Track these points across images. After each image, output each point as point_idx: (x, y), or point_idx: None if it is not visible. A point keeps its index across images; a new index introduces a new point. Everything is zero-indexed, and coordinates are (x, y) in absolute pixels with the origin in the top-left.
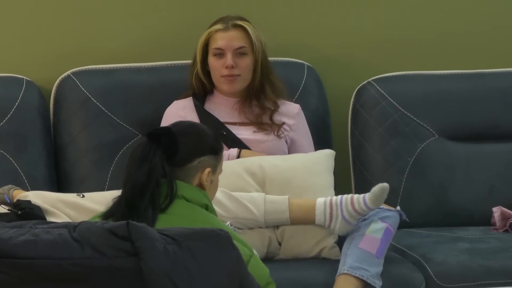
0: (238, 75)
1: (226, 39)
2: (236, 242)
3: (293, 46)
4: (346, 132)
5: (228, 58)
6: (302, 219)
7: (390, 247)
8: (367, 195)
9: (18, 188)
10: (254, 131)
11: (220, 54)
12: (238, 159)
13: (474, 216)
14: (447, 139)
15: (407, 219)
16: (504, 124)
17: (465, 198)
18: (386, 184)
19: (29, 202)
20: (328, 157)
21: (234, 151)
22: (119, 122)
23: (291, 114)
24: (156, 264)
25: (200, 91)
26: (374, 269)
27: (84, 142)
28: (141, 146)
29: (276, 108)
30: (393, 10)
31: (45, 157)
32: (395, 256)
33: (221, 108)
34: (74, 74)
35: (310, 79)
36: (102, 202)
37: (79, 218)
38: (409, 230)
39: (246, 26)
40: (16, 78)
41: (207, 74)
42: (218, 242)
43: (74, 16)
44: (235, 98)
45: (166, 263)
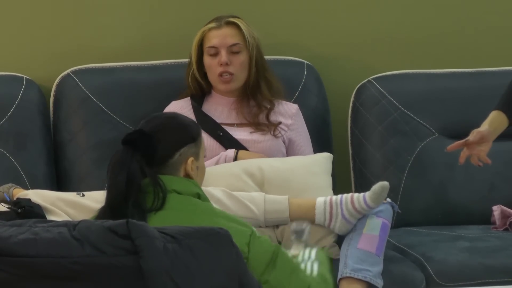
0: (232, 74)
1: (219, 37)
2: (234, 224)
3: (293, 44)
4: (346, 131)
5: (223, 55)
6: (302, 218)
7: (390, 246)
8: (367, 194)
9: (18, 186)
10: (251, 132)
11: (215, 52)
12: (236, 161)
13: (474, 214)
14: (447, 137)
15: (399, 210)
16: None
17: (465, 196)
18: (386, 183)
19: (29, 200)
20: (326, 159)
21: (231, 152)
22: (119, 120)
23: (288, 114)
24: (156, 262)
25: (198, 92)
26: (375, 268)
27: (83, 140)
28: (118, 153)
29: (272, 106)
30: (393, 9)
31: (45, 155)
32: (396, 255)
33: (218, 109)
34: (74, 72)
35: (310, 77)
36: (102, 201)
37: (79, 216)
38: (409, 228)
39: (239, 23)
40: (16, 76)
41: (204, 75)
42: (218, 240)
43: (74, 14)
44: (232, 97)
45: (166, 261)
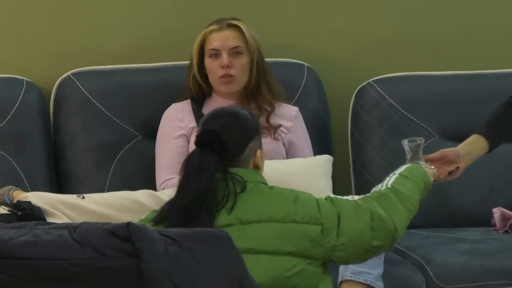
0: (233, 76)
1: (221, 39)
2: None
3: (293, 47)
4: (346, 133)
5: (224, 58)
6: None
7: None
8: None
9: (18, 189)
10: None
11: (216, 54)
12: None
13: (474, 217)
14: (447, 139)
15: None
16: None
17: (465, 199)
18: None
19: (29, 203)
20: (326, 161)
21: None
22: (119, 122)
23: (289, 116)
24: (156, 265)
25: (198, 94)
26: (376, 271)
27: (84, 142)
28: (195, 155)
29: (272, 109)
30: (393, 11)
31: (45, 157)
32: (396, 257)
33: None
34: (74, 75)
35: (310, 80)
36: (102, 204)
37: (79, 219)
38: (409, 231)
39: (240, 25)
40: (16, 79)
41: (205, 77)
42: (218, 242)
43: (74, 16)
44: (233, 100)
45: (166, 263)
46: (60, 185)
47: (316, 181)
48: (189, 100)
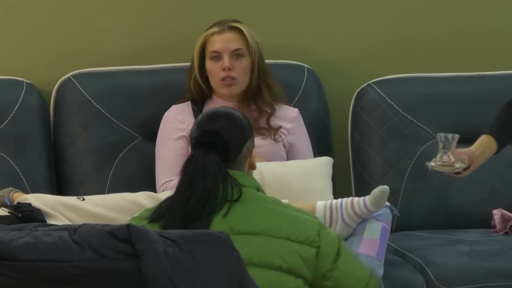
0: (235, 79)
1: (222, 42)
2: (302, 214)
3: (293, 48)
4: (346, 135)
5: (225, 60)
6: None
7: (390, 250)
8: (368, 198)
9: (18, 190)
10: None
11: (217, 57)
12: None
13: (474, 218)
14: None
15: (398, 214)
16: None
17: (465, 200)
18: (386, 187)
19: (29, 204)
20: (326, 163)
21: None
22: (119, 124)
23: (289, 118)
24: (156, 266)
25: (199, 96)
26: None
27: (84, 144)
28: (199, 156)
29: (273, 111)
30: (393, 13)
31: (45, 159)
32: (396, 259)
33: None
34: (74, 76)
35: (310, 81)
36: (102, 205)
37: (79, 221)
38: (409, 232)
39: (242, 28)
40: (16, 80)
41: (205, 79)
42: (218, 244)
43: (74, 18)
44: (233, 102)
45: (167, 265)
46: (60, 186)
47: (316, 182)
48: (189, 102)
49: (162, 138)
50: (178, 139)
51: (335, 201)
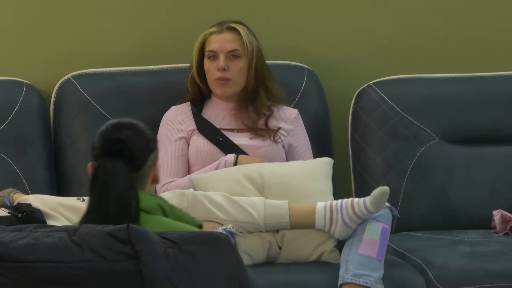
0: (229, 79)
1: (219, 42)
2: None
3: (293, 49)
4: (346, 135)
5: (221, 60)
6: (302, 223)
7: (390, 251)
8: (368, 199)
9: (18, 191)
10: (251, 137)
11: (214, 56)
12: (236, 166)
13: (474, 219)
14: (447, 142)
15: (398, 215)
16: (505, 127)
17: (465, 201)
18: (386, 188)
19: (29, 205)
20: (326, 164)
21: (231, 157)
22: None
23: (288, 119)
24: (156, 267)
25: (197, 95)
26: (376, 273)
27: (84, 145)
28: (107, 165)
29: (270, 113)
30: (393, 13)
31: (45, 160)
32: (396, 259)
33: (218, 114)
34: (74, 77)
35: (310, 82)
36: None
37: None
38: (409, 233)
39: (240, 29)
40: (16, 81)
41: (204, 79)
42: (218, 245)
43: (74, 19)
44: (232, 102)
45: (166, 266)
46: (60, 187)
47: (316, 183)
48: (188, 103)
49: (161, 139)
50: (178, 140)
51: (335, 201)
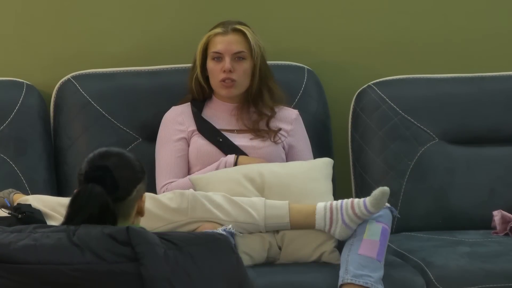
0: (234, 81)
1: (224, 43)
2: None
3: (293, 50)
4: (346, 136)
5: (226, 62)
6: (302, 224)
7: (390, 251)
8: (368, 199)
9: (18, 192)
10: (251, 138)
11: (219, 58)
12: (236, 166)
13: (474, 219)
14: (447, 142)
15: (398, 215)
16: (505, 127)
17: (465, 201)
18: (386, 188)
19: (29, 205)
20: (326, 164)
21: (231, 157)
22: (119, 125)
23: (288, 120)
24: (156, 269)
25: (200, 96)
26: (376, 274)
27: (84, 145)
28: (86, 192)
29: (273, 114)
30: (393, 14)
31: (45, 160)
32: (396, 260)
33: (218, 114)
34: (74, 77)
35: (310, 82)
36: None
37: None
38: (409, 234)
39: (245, 31)
40: (16, 82)
41: (207, 79)
42: (218, 246)
43: (74, 20)
44: (233, 103)
45: (166, 268)
46: (60, 188)
47: (316, 184)
48: (189, 103)
49: (162, 140)
50: (178, 140)
51: (335, 202)
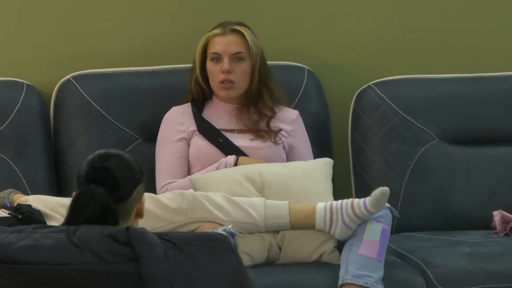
0: (233, 82)
1: (223, 44)
2: None
3: (293, 50)
4: (346, 136)
5: (225, 63)
6: (302, 224)
7: (390, 251)
8: (368, 199)
9: (18, 192)
10: (251, 139)
11: (217, 58)
12: (236, 166)
13: (474, 220)
14: (447, 142)
15: (398, 215)
16: (505, 127)
17: (465, 202)
18: (386, 188)
19: (29, 206)
20: (326, 164)
21: (231, 158)
22: (119, 126)
23: (289, 120)
24: (156, 269)
25: (200, 96)
26: (377, 274)
27: (84, 145)
28: (88, 193)
29: (273, 114)
30: (393, 15)
31: (45, 160)
32: (396, 260)
33: (219, 115)
34: (74, 78)
35: (310, 83)
36: None
37: None
38: (409, 234)
39: (244, 32)
40: (16, 82)
41: (206, 80)
42: (218, 246)
43: (74, 20)
44: (233, 104)
45: (166, 268)
46: (60, 188)
47: (316, 184)
48: (189, 104)
49: (162, 140)
50: (178, 141)
51: (335, 202)
